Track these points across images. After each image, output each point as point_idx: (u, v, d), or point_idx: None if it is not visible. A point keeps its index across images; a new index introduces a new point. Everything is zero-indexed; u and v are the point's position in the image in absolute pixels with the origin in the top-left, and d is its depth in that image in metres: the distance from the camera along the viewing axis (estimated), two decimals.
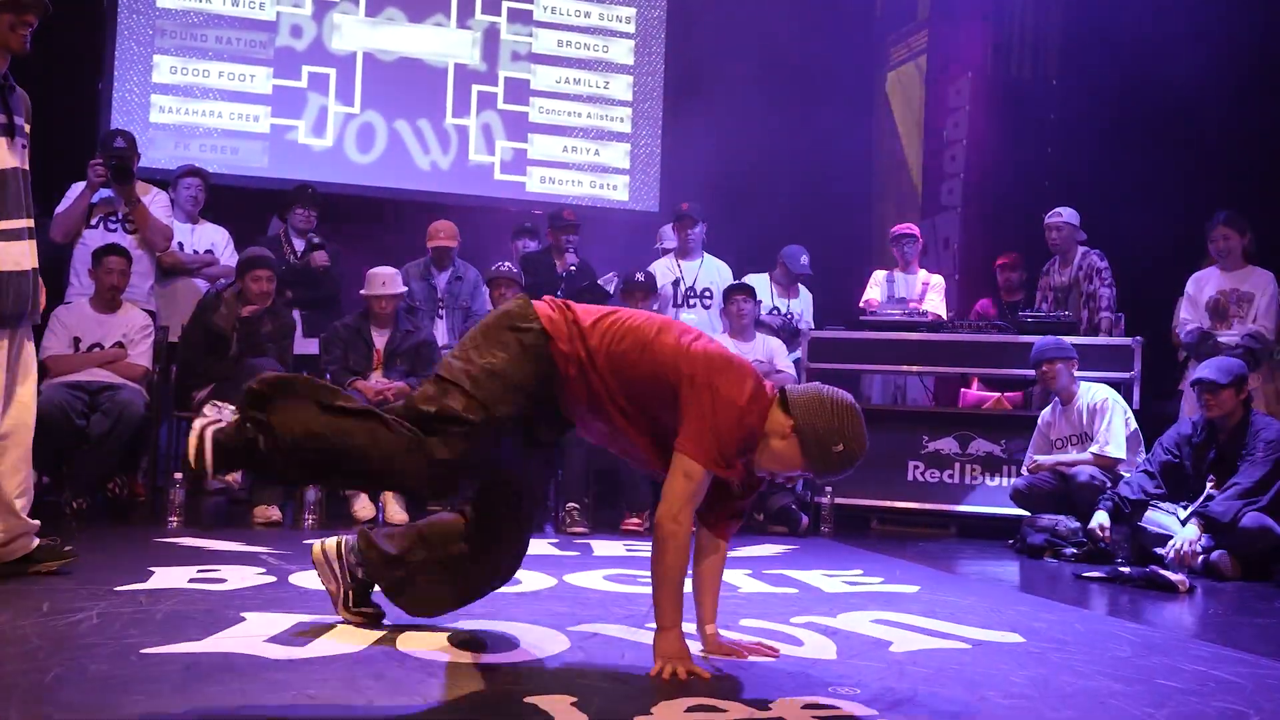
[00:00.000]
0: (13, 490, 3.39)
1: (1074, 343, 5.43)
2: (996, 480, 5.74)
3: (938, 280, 6.89)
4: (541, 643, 2.75)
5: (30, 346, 3.50)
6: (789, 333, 6.48)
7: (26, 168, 3.38)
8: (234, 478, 5.02)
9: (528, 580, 3.70)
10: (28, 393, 3.45)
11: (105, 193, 5.68)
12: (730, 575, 3.99)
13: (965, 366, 6.12)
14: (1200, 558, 4.48)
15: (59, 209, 5.53)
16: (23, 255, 3.31)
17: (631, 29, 8.51)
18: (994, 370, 6.06)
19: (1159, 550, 4.55)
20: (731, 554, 4.56)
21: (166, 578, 3.47)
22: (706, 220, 6.67)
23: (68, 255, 5.58)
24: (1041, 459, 5.35)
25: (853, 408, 2.49)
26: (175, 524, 4.75)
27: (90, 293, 5.34)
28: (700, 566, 2.72)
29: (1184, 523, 4.57)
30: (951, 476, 5.83)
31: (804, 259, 6.60)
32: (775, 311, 6.68)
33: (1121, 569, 4.41)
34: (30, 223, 3.39)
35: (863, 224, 9.00)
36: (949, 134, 8.34)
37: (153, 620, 2.83)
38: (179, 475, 4.92)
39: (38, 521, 3.48)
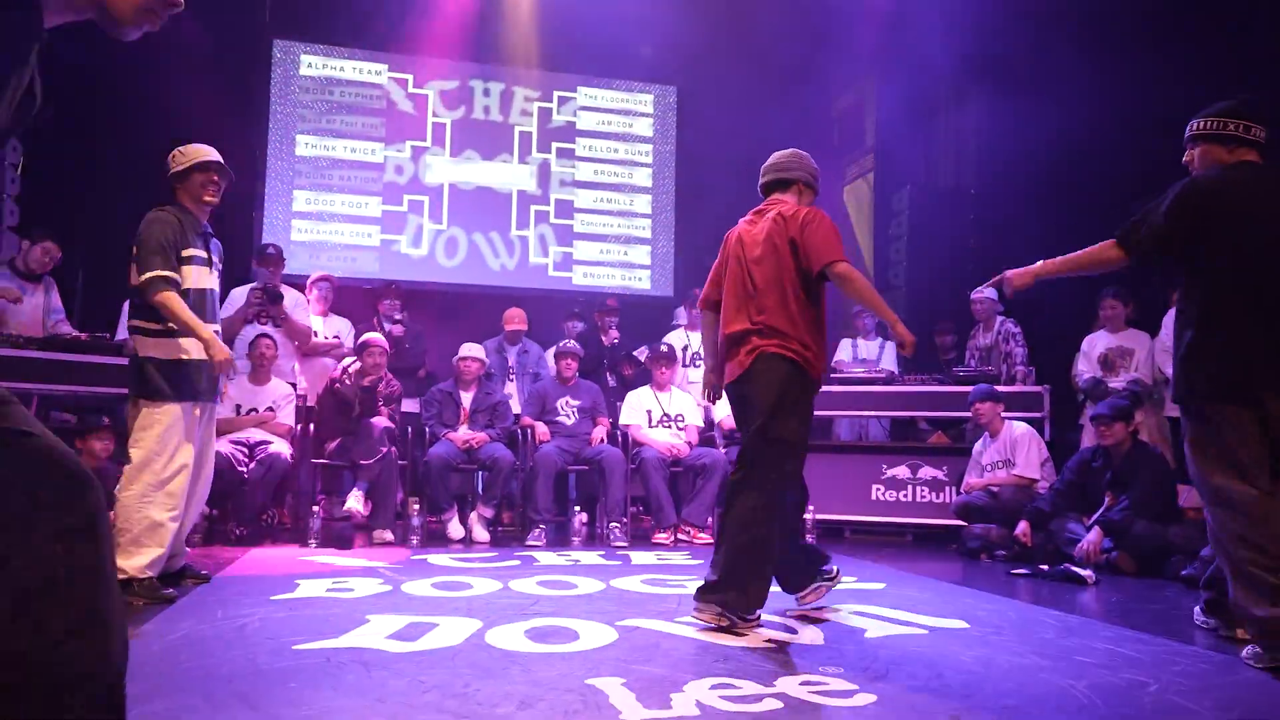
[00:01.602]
0: (191, 520, 3.49)
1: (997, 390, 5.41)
2: (940, 498, 5.69)
3: (890, 345, 6.88)
4: (595, 635, 2.74)
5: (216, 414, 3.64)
6: None
7: (217, 289, 3.52)
8: (357, 509, 5.02)
9: (582, 585, 3.70)
10: (212, 449, 3.56)
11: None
12: None
13: (913, 411, 6.09)
14: (1103, 556, 4.42)
15: (222, 315, 5.60)
16: None
17: (649, 160, 8.63)
18: (935, 413, 6.04)
19: (1070, 551, 4.50)
20: None
21: (309, 588, 3.50)
22: None
23: (229, 345, 5.65)
24: (975, 481, 5.30)
25: None
26: (314, 545, 4.77)
27: (248, 371, 5.42)
28: None
29: (1088, 529, 4.52)
30: (906, 496, 5.78)
31: None
32: None
33: (1041, 567, 4.35)
34: (218, 326, 3.51)
35: (829, 301, 9.00)
36: (893, 231, 8.37)
37: (301, 621, 2.86)
38: (316, 507, 4.96)
39: (189, 549, 3.64)
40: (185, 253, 3.37)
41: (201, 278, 3.42)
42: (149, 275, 3.25)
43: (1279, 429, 2.60)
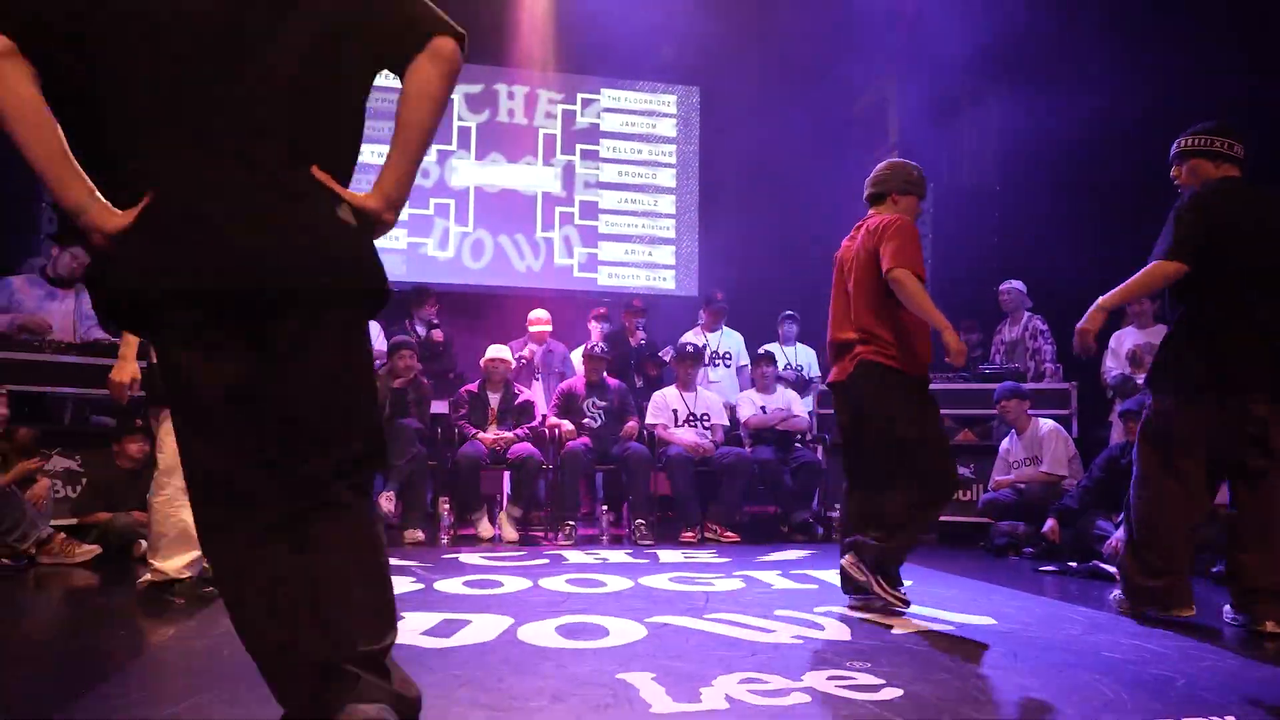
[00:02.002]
0: None
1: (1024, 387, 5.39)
2: (968, 496, 5.67)
3: None
4: (625, 631, 2.77)
5: None
6: (801, 384, 6.50)
7: None
8: (389, 509, 5.09)
9: (611, 583, 3.73)
10: None
11: None
12: (763, 574, 4.00)
13: (939, 408, 6.05)
14: None
15: None
16: None
17: (673, 160, 8.66)
18: (960, 410, 6.02)
19: (1099, 548, 4.47)
20: (762, 557, 4.59)
21: None
22: (730, 302, 6.78)
23: None
24: (1002, 478, 5.28)
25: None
26: None
27: None
28: None
29: (1117, 526, 4.49)
30: None
31: (791, 328, 6.81)
32: (789, 368, 6.70)
33: (1069, 564, 4.34)
34: None
35: None
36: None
37: None
38: None
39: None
40: None
41: None
42: None
43: (1262, 428, 2.90)
